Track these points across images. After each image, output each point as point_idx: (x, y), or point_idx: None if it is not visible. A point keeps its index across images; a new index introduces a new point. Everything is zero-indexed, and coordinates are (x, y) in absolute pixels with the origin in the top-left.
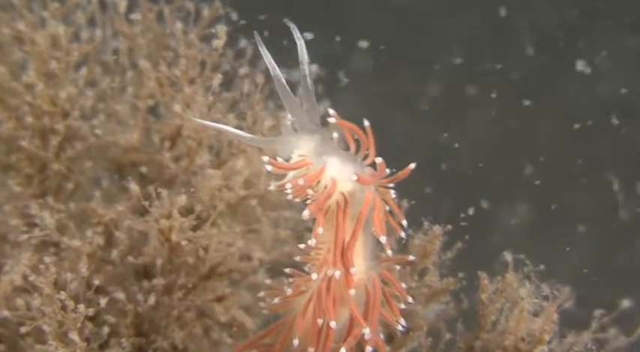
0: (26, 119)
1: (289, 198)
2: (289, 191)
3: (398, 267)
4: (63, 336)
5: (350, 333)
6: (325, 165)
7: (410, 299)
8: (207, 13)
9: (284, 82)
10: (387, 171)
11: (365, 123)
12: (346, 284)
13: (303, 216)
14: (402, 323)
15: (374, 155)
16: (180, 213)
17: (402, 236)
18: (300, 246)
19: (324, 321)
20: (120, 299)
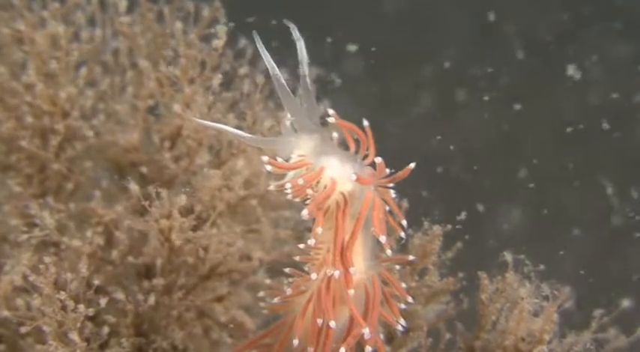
0: (26, 119)
1: (289, 198)
2: (289, 191)
3: (398, 267)
4: (63, 336)
5: (350, 333)
6: (325, 165)
7: (410, 299)
8: (207, 13)
9: (283, 82)
10: (387, 171)
11: (364, 123)
12: (345, 284)
13: (302, 216)
14: (401, 323)
15: (373, 155)
16: (180, 213)
17: (402, 236)
18: (300, 246)
19: (323, 321)
20: (120, 299)
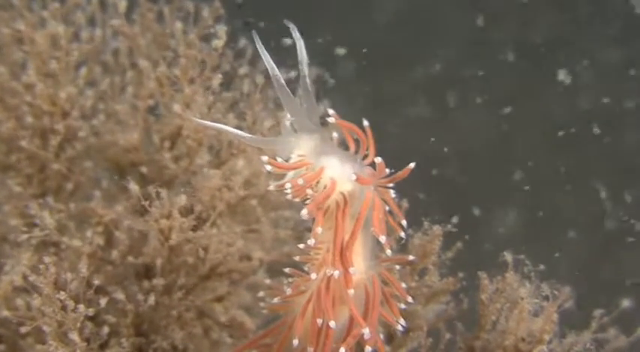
0: (26, 119)
1: (289, 197)
2: (289, 191)
3: (398, 267)
4: (63, 336)
5: (350, 333)
6: (325, 165)
7: (410, 299)
8: (207, 13)
9: (283, 82)
10: (387, 171)
11: (364, 123)
12: (345, 283)
13: (301, 215)
14: (401, 323)
15: (373, 155)
16: (180, 213)
17: (402, 236)
18: (300, 246)
19: (323, 321)
20: (120, 299)
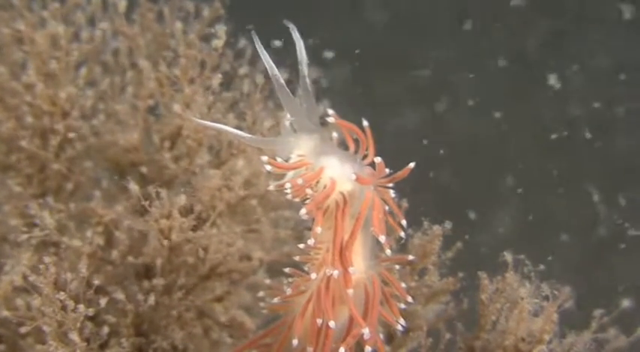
0: (26, 119)
1: (289, 197)
2: (288, 191)
3: (398, 267)
4: (63, 336)
5: (349, 333)
6: (324, 164)
7: (410, 299)
8: (207, 13)
9: (283, 82)
10: (386, 171)
11: (364, 123)
12: (345, 283)
13: (300, 215)
14: (401, 323)
15: (373, 154)
16: (180, 213)
17: (402, 236)
18: (300, 246)
19: (323, 321)
20: (120, 299)
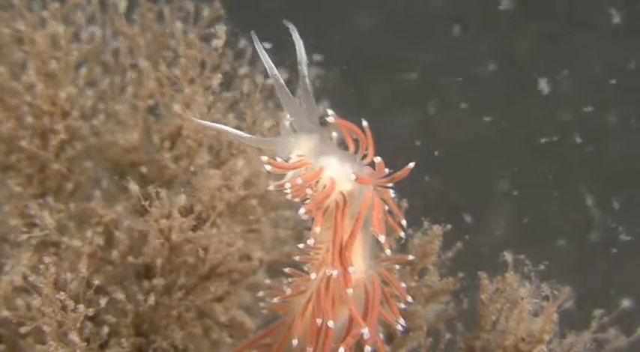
0: (26, 119)
1: (288, 197)
2: (288, 191)
3: (397, 267)
4: (63, 336)
5: (349, 333)
6: (324, 164)
7: (410, 299)
8: (207, 13)
9: (282, 82)
10: (386, 171)
11: (363, 123)
12: (344, 283)
13: (299, 214)
14: (401, 323)
15: (373, 154)
16: (180, 213)
17: (402, 235)
18: (300, 246)
19: (322, 321)
20: (120, 299)
